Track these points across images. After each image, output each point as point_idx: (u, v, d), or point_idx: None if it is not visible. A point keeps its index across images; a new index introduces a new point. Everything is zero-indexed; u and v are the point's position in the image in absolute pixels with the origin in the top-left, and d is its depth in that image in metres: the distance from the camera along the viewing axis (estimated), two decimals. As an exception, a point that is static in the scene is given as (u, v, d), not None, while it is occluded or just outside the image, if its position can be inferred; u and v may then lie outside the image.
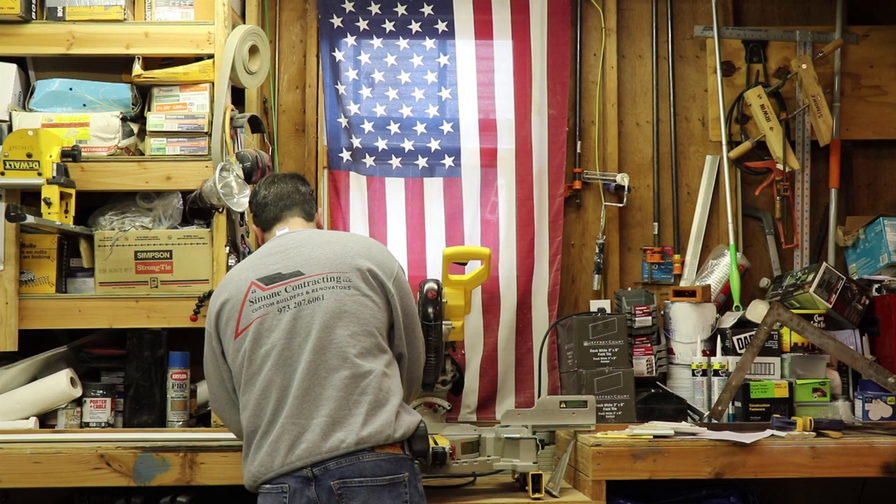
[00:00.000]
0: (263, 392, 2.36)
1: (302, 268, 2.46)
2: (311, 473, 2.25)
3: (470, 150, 3.90)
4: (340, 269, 2.46)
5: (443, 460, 2.69)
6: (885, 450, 2.86)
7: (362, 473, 2.25)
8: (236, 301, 2.46)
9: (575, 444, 3.00)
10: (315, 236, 2.61)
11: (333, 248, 2.52)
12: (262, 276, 2.47)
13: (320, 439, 2.27)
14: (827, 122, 3.80)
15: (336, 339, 2.37)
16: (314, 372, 2.33)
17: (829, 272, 3.55)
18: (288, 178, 2.80)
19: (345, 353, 2.36)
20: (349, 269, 2.47)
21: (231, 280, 2.54)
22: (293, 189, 2.76)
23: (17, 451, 2.80)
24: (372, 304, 2.45)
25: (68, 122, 3.35)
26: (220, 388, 2.56)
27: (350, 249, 2.53)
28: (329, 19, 3.92)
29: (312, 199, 2.79)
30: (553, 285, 3.85)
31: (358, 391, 2.32)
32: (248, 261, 2.59)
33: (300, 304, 2.40)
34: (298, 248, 2.53)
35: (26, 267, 3.29)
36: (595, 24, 4.02)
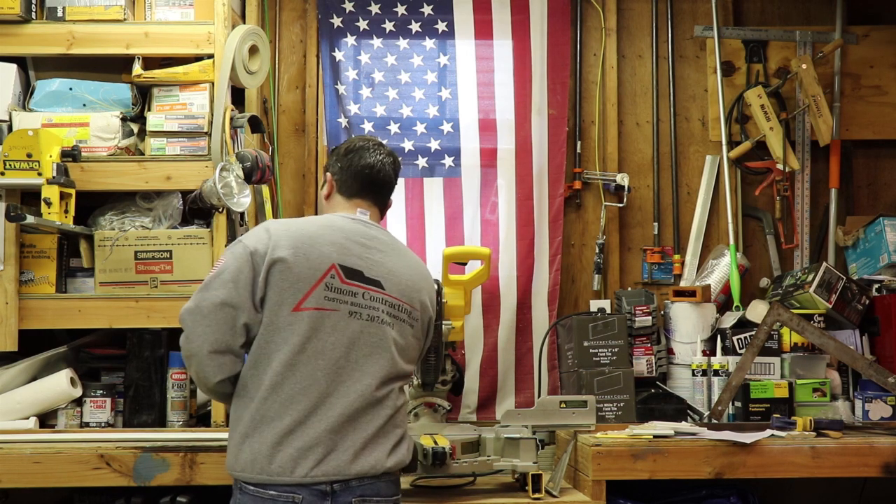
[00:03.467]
0: (305, 389, 2.25)
1: (383, 280, 2.40)
2: (331, 489, 2.24)
3: (470, 150, 3.90)
4: (410, 302, 2.44)
5: (443, 460, 2.69)
6: (885, 450, 2.86)
7: (379, 493, 2.32)
8: (311, 271, 2.29)
9: (575, 444, 3.00)
10: (396, 247, 2.51)
11: (408, 272, 2.47)
12: (345, 266, 2.34)
13: (350, 461, 2.26)
14: (827, 122, 3.80)
15: (390, 371, 2.36)
16: (365, 396, 2.30)
17: (829, 272, 3.55)
18: (390, 163, 2.59)
19: (391, 388, 2.38)
20: (416, 304, 2.46)
21: (308, 239, 2.33)
22: (390, 177, 2.59)
23: (17, 451, 2.80)
24: (417, 344, 2.49)
25: (68, 122, 3.35)
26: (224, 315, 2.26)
27: (419, 277, 2.50)
28: (329, 19, 3.92)
29: (391, 193, 2.65)
30: (553, 285, 3.85)
31: (392, 424, 2.36)
32: (328, 227, 2.40)
33: (371, 319, 2.35)
34: (382, 252, 2.44)
35: (26, 267, 3.28)
36: (595, 24, 4.02)
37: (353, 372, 2.29)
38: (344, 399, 2.27)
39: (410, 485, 3.02)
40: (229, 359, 2.29)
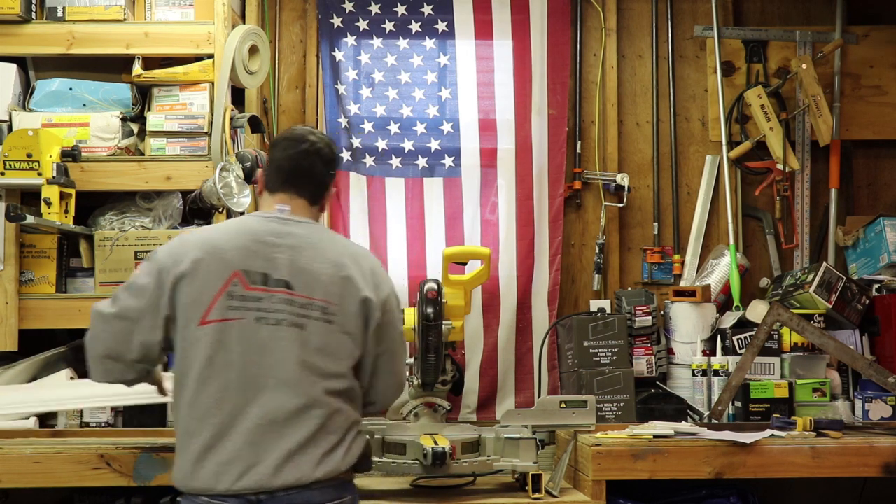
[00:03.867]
0: (218, 402, 2.19)
1: (292, 280, 2.26)
2: (257, 499, 2.17)
3: (470, 150, 3.90)
4: (327, 297, 2.27)
5: (443, 460, 2.69)
6: (885, 450, 2.86)
7: (310, 501, 2.21)
8: (213, 282, 2.23)
9: (575, 444, 3.00)
10: (312, 241, 2.34)
11: (324, 265, 2.30)
12: (249, 271, 2.24)
13: (273, 474, 2.17)
14: (827, 122, 3.80)
15: (308, 374, 2.23)
16: (285, 405, 2.20)
17: (829, 272, 3.55)
18: (313, 151, 2.43)
19: (314, 391, 2.23)
20: (334, 297, 2.28)
21: (212, 248, 2.27)
22: (311, 165, 2.43)
23: (17, 451, 2.80)
24: (350, 342, 2.30)
25: (68, 122, 3.35)
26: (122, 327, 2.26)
27: (342, 266, 2.32)
28: (329, 19, 3.92)
29: (325, 184, 2.47)
30: (553, 285, 3.85)
31: (324, 431, 2.22)
32: (237, 232, 2.32)
33: (278, 323, 2.23)
34: (294, 249, 2.30)
35: (26, 267, 3.29)
36: (595, 24, 4.02)
37: (269, 380, 2.20)
38: (262, 409, 2.19)
39: (410, 485, 3.02)
40: (119, 367, 2.30)
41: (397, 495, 2.88)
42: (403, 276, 3.84)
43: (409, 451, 2.78)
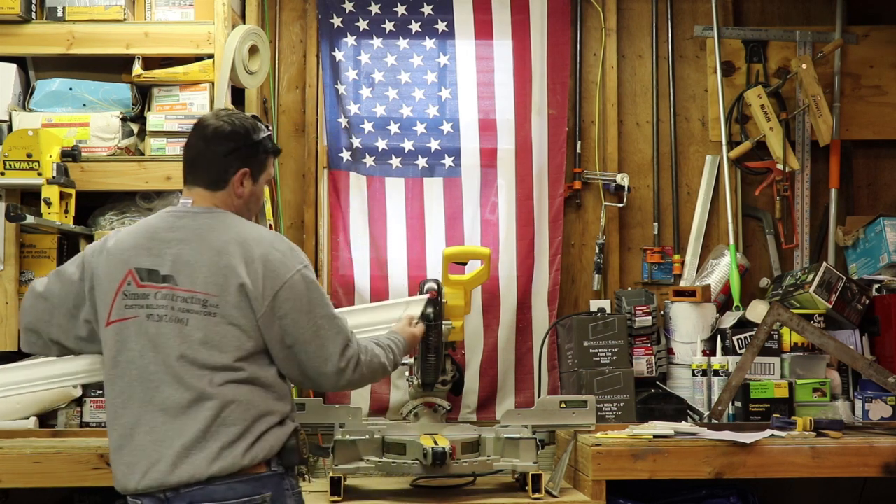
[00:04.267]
0: (125, 402, 2.21)
1: (176, 275, 2.22)
2: (164, 496, 2.16)
3: (470, 150, 3.90)
4: (209, 291, 2.20)
5: (443, 460, 2.69)
6: (885, 450, 2.86)
7: (212, 498, 2.15)
8: (112, 283, 2.25)
9: (575, 444, 3.00)
10: (201, 232, 2.26)
11: (209, 256, 2.22)
12: (140, 268, 2.24)
13: (170, 470, 2.14)
14: (827, 122, 3.80)
15: (192, 368, 2.18)
16: (177, 400, 2.17)
17: (829, 272, 3.55)
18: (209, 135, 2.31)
19: (201, 384, 2.17)
20: (220, 291, 2.20)
21: (115, 248, 2.28)
22: (205, 149, 2.31)
23: (17, 451, 2.80)
24: (237, 332, 2.20)
25: (68, 122, 3.35)
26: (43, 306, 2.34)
27: (230, 259, 2.22)
28: (329, 19, 3.92)
29: (223, 166, 2.30)
30: (553, 285, 3.85)
31: (219, 423, 2.16)
32: (139, 229, 2.32)
33: (160, 319, 2.20)
34: (182, 242, 2.24)
35: (26, 267, 3.28)
36: (595, 24, 4.02)
37: (165, 376, 2.19)
38: (159, 406, 2.18)
39: (410, 485, 3.02)
40: (41, 342, 2.39)
41: (397, 495, 2.88)
42: (403, 276, 3.84)
43: (409, 451, 2.78)
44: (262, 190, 2.40)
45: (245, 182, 2.32)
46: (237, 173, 2.30)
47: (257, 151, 2.35)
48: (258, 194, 2.38)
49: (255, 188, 2.36)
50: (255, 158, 2.34)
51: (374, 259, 3.85)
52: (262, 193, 2.41)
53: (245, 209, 2.35)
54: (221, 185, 2.31)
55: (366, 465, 2.82)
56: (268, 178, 2.41)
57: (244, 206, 2.35)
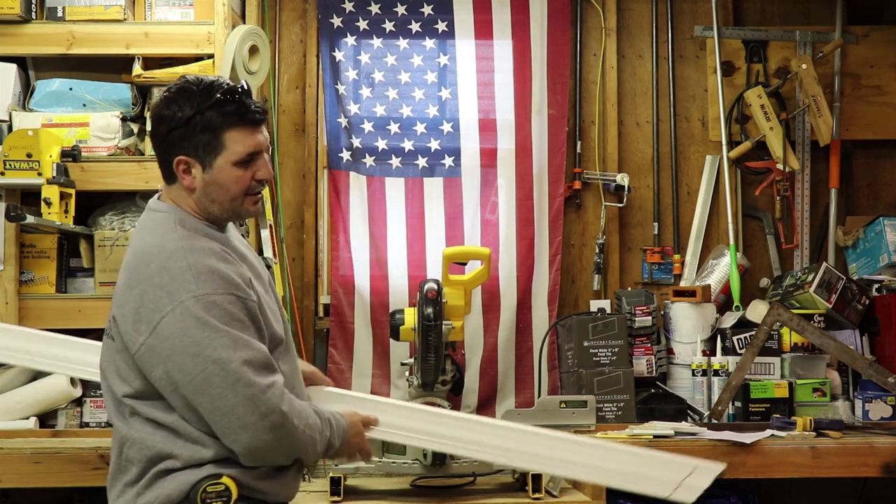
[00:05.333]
0: None
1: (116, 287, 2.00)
2: None
3: (470, 150, 3.90)
4: (113, 310, 1.96)
5: (443, 460, 2.68)
6: (885, 450, 2.86)
7: None
8: None
9: (575, 444, 3.00)
10: (133, 237, 2.02)
11: (121, 269, 1.97)
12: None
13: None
14: (827, 122, 3.79)
15: (106, 392, 1.97)
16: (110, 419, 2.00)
17: (829, 272, 3.55)
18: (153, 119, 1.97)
19: (111, 412, 1.96)
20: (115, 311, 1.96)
21: None
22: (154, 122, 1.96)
23: (17, 451, 2.80)
24: (126, 365, 1.91)
25: (68, 122, 3.35)
26: None
27: (120, 280, 1.95)
28: (329, 19, 3.91)
29: (161, 151, 1.95)
30: (553, 285, 3.85)
31: (124, 458, 1.91)
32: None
33: (107, 334, 2.00)
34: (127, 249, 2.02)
35: (26, 267, 3.29)
36: (595, 24, 4.02)
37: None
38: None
39: (410, 485, 3.02)
40: None
41: (397, 495, 2.88)
42: (403, 276, 3.84)
43: (409, 451, 2.78)
44: (227, 174, 1.93)
45: (191, 171, 1.93)
46: (174, 163, 1.93)
47: (194, 131, 1.90)
48: (221, 180, 1.93)
49: (211, 175, 1.93)
50: (193, 140, 1.90)
51: (374, 259, 3.85)
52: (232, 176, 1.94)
53: (206, 201, 1.96)
54: (172, 178, 1.97)
55: (366, 465, 2.82)
56: (235, 157, 1.93)
57: (203, 198, 1.96)
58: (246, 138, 1.93)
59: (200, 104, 1.89)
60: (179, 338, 1.82)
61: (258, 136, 1.95)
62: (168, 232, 1.91)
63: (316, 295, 3.88)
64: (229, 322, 1.84)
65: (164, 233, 1.91)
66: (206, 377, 1.81)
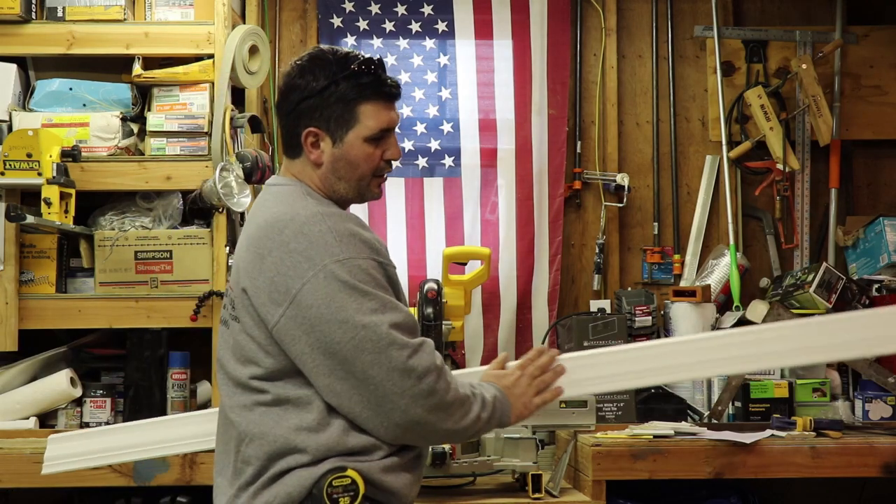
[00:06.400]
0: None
1: (232, 268, 1.90)
2: None
3: (470, 150, 3.90)
4: (234, 288, 1.84)
5: (443, 460, 2.69)
6: (885, 450, 2.86)
7: None
8: None
9: (575, 444, 3.00)
10: (254, 212, 1.89)
11: (242, 247, 1.85)
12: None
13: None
14: (827, 122, 3.79)
15: (224, 381, 1.85)
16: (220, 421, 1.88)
17: (829, 272, 3.55)
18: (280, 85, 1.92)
19: (229, 402, 1.82)
20: (236, 287, 1.83)
21: None
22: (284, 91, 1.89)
23: (17, 451, 2.80)
24: (253, 346, 1.78)
25: (68, 122, 3.35)
26: None
27: (246, 250, 1.82)
28: (329, 19, 3.91)
29: (288, 121, 1.88)
30: (553, 285, 3.85)
31: (241, 459, 1.77)
32: None
33: (224, 322, 1.89)
34: (244, 227, 1.91)
35: (26, 267, 3.29)
36: (595, 24, 4.02)
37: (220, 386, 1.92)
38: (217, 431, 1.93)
39: (410, 485, 3.02)
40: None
41: (397, 495, 2.87)
42: (403, 276, 3.83)
43: (409, 451, 2.77)
44: (358, 150, 1.84)
45: (320, 144, 1.85)
46: (303, 134, 1.85)
47: (327, 102, 1.83)
48: (351, 156, 1.84)
49: (341, 150, 1.84)
50: (326, 111, 1.83)
51: (374, 259, 3.84)
52: (362, 153, 1.84)
53: (333, 178, 1.86)
54: (297, 151, 1.88)
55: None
56: (367, 132, 1.83)
57: (330, 175, 1.86)
58: (380, 113, 1.85)
59: (335, 74, 1.81)
60: (326, 304, 1.69)
61: (392, 112, 1.88)
62: (298, 200, 1.81)
63: (316, 295, 3.87)
64: (375, 286, 1.73)
65: (294, 202, 1.80)
66: (358, 343, 1.68)
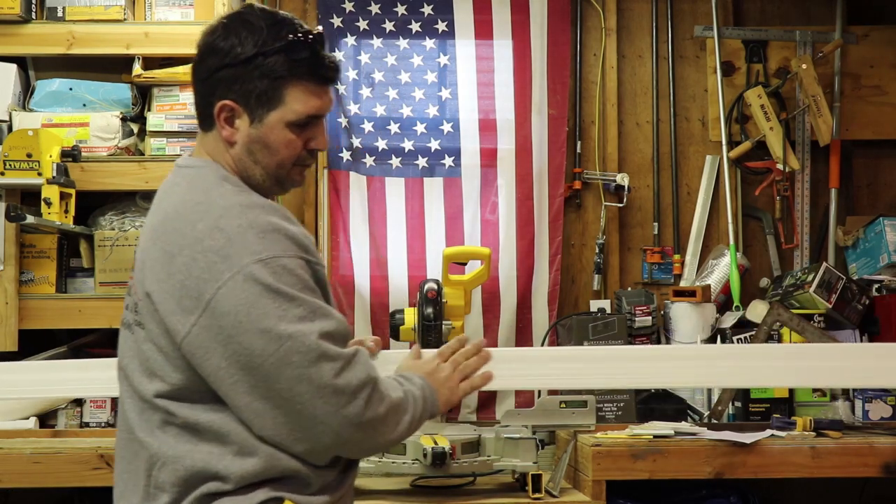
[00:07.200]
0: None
1: (135, 266, 1.61)
2: None
3: (470, 150, 3.90)
4: (137, 288, 1.57)
5: (443, 460, 2.68)
6: (885, 450, 2.86)
7: None
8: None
9: (575, 444, 3.00)
10: (160, 198, 1.63)
11: (147, 235, 1.59)
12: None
13: None
14: (827, 122, 3.79)
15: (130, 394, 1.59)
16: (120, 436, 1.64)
17: (829, 272, 3.55)
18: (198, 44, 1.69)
19: (132, 426, 1.58)
20: (141, 292, 1.56)
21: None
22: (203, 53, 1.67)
23: (17, 451, 2.80)
24: (159, 357, 1.53)
25: (68, 122, 3.35)
26: None
27: (149, 247, 1.56)
28: (329, 19, 3.91)
29: (203, 89, 1.65)
30: (553, 285, 3.85)
31: (153, 485, 1.55)
32: None
33: (127, 326, 1.62)
34: (150, 214, 1.65)
35: (26, 267, 3.28)
36: (595, 24, 4.02)
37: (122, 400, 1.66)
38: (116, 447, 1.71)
39: (410, 485, 3.02)
40: None
41: (397, 495, 2.88)
42: (403, 276, 3.84)
43: (409, 451, 2.78)
44: (278, 135, 1.59)
45: (235, 121, 1.60)
46: (216, 106, 1.61)
47: (250, 75, 1.57)
48: (269, 140, 1.59)
49: (258, 131, 1.59)
50: (249, 85, 1.57)
51: (374, 259, 3.85)
52: (282, 138, 1.60)
53: (248, 160, 1.61)
54: (208, 124, 1.64)
55: (366, 465, 2.82)
56: (292, 116, 1.59)
57: (244, 157, 1.61)
58: (310, 97, 1.59)
59: (266, 43, 1.55)
60: (245, 311, 1.45)
61: (324, 97, 1.62)
62: (214, 187, 1.56)
63: (316, 295, 3.88)
64: (303, 289, 1.49)
65: (209, 189, 1.56)
66: (283, 356, 1.45)
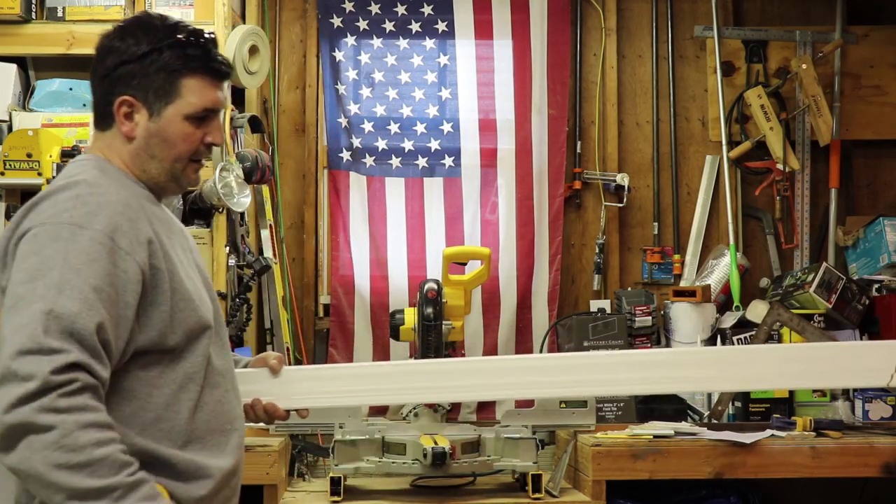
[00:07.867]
0: None
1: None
2: None
3: (470, 150, 3.90)
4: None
5: (443, 460, 2.69)
6: (885, 450, 2.86)
7: None
8: None
9: (575, 444, 3.00)
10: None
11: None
12: None
13: None
14: (827, 122, 3.79)
15: None
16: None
17: (829, 272, 3.55)
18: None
19: None
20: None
21: None
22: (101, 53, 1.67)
23: (17, 451, 2.79)
24: None
25: (68, 122, 3.35)
26: None
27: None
28: (329, 19, 3.91)
29: (101, 87, 1.65)
30: (553, 285, 3.85)
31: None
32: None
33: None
34: None
35: (26, 267, 3.28)
36: (595, 24, 4.02)
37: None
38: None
39: (410, 485, 3.02)
40: None
41: (397, 495, 2.88)
42: (403, 276, 3.84)
43: (409, 451, 2.78)
44: (175, 128, 1.63)
45: (134, 116, 1.63)
46: (116, 103, 1.62)
47: (147, 70, 1.61)
48: (167, 133, 1.63)
49: (157, 125, 1.63)
50: (146, 80, 1.61)
51: (374, 259, 3.85)
52: (180, 132, 1.64)
53: (145, 155, 1.64)
54: (108, 122, 1.65)
55: (366, 465, 2.82)
56: (189, 109, 1.63)
57: (142, 151, 1.64)
58: (205, 90, 1.64)
59: (160, 40, 1.62)
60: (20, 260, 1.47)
61: (218, 91, 1.67)
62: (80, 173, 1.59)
63: (316, 295, 3.88)
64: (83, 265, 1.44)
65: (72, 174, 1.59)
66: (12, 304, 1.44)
